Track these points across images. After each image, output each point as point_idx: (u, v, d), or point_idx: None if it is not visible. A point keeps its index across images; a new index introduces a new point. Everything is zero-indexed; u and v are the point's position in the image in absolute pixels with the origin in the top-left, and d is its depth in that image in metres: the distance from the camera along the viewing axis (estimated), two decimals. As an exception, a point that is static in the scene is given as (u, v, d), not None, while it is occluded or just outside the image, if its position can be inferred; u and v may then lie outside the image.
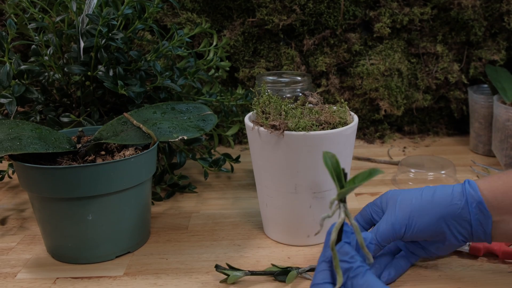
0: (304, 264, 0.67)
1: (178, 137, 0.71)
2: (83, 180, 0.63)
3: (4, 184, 0.99)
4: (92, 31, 0.82)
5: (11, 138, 0.66)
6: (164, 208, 0.86)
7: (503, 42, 1.17)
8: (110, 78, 0.83)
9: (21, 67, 0.81)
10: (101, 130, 0.73)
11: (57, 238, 0.69)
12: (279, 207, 0.71)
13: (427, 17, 1.15)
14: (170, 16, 1.15)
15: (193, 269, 0.67)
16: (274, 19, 1.13)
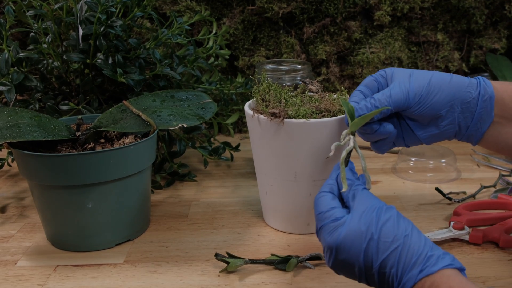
0: (304, 252, 0.67)
1: (177, 125, 0.71)
2: (82, 168, 0.63)
3: (4, 172, 0.99)
4: (91, 18, 0.81)
5: (10, 125, 0.66)
6: (164, 197, 0.86)
7: (504, 30, 1.17)
8: (109, 66, 0.82)
9: (20, 55, 0.81)
10: (101, 118, 0.72)
11: (57, 226, 0.69)
12: (279, 195, 0.71)
13: (427, 5, 1.14)
14: (169, 4, 1.14)
15: (193, 257, 0.67)
16: (274, 7, 1.12)
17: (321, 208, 0.51)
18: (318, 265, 0.64)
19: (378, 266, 0.47)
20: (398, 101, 0.59)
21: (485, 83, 0.59)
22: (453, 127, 0.60)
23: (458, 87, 0.58)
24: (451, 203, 0.82)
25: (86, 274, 0.64)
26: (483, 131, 0.59)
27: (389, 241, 0.46)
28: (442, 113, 0.59)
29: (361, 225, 0.48)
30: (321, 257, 0.64)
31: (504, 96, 0.58)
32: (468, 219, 0.72)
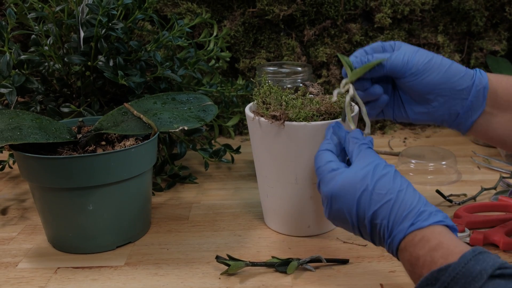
0: (305, 254, 0.67)
1: (178, 127, 0.71)
2: (83, 170, 0.63)
3: (5, 174, 0.99)
4: (92, 21, 0.81)
5: (12, 128, 0.66)
6: (165, 199, 0.86)
7: (504, 32, 1.17)
8: (110, 68, 0.82)
9: (21, 57, 0.81)
10: (102, 121, 0.72)
11: (58, 228, 0.69)
12: (279, 197, 0.71)
13: (428, 7, 1.14)
14: (170, 6, 1.14)
15: (193, 260, 0.67)
16: (275, 9, 1.12)
17: (320, 163, 0.55)
18: (319, 267, 0.64)
19: (370, 216, 0.48)
20: (395, 65, 0.60)
21: (481, 74, 0.61)
22: (442, 111, 0.61)
23: (454, 74, 0.60)
24: (452, 205, 0.82)
25: (87, 276, 0.64)
26: (473, 119, 0.60)
27: (383, 193, 0.48)
28: (433, 93, 0.60)
29: (358, 176, 0.50)
30: (322, 259, 0.64)
31: (497, 87, 0.59)
32: (468, 221, 0.72)
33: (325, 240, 0.71)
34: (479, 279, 0.39)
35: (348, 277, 0.62)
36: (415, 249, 0.45)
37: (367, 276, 0.63)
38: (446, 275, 0.41)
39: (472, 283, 0.39)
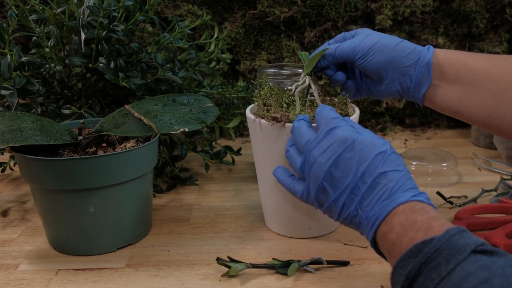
0: (306, 256, 0.67)
1: (179, 129, 0.71)
2: (84, 172, 0.63)
3: (6, 176, 0.99)
4: (93, 22, 0.82)
5: (13, 129, 0.66)
6: (166, 200, 0.86)
7: (505, 34, 1.17)
8: (111, 70, 0.82)
9: (22, 59, 0.81)
10: (102, 122, 0.72)
11: (58, 229, 0.69)
12: (280, 199, 0.71)
13: (428, 9, 1.14)
14: (171, 8, 1.15)
15: (194, 261, 0.67)
16: (275, 11, 1.12)
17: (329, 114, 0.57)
18: (320, 269, 0.64)
19: (379, 174, 0.50)
20: (343, 52, 0.68)
21: (428, 51, 0.65)
22: (394, 86, 0.67)
23: (400, 52, 0.66)
24: (452, 207, 0.82)
25: (87, 278, 0.64)
26: (422, 92, 0.66)
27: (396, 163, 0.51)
28: (383, 71, 0.67)
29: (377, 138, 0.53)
30: (323, 261, 0.64)
31: (444, 62, 0.64)
32: (469, 223, 0.72)
33: (325, 242, 0.71)
34: (462, 252, 0.40)
35: (349, 279, 0.62)
36: (414, 214, 0.46)
37: (367, 278, 0.63)
38: (430, 246, 0.42)
39: (455, 255, 0.40)
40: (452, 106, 0.65)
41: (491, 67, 0.62)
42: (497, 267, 0.38)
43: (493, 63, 0.63)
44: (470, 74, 0.63)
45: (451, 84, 0.64)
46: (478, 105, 0.63)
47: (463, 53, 0.65)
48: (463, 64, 0.63)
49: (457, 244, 0.41)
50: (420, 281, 0.41)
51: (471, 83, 0.63)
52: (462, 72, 0.63)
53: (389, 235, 0.47)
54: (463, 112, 0.65)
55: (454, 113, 0.67)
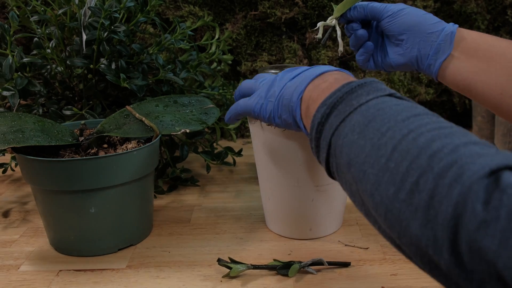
0: (307, 257, 0.67)
1: (180, 130, 0.71)
2: (85, 173, 0.63)
3: (7, 177, 0.99)
4: (95, 24, 0.82)
5: (14, 130, 0.66)
6: (167, 201, 0.86)
7: (506, 35, 1.17)
8: (112, 71, 0.82)
9: (24, 60, 0.81)
10: (104, 123, 0.73)
11: (59, 230, 0.69)
12: (281, 200, 0.71)
13: (430, 10, 1.14)
14: (172, 9, 1.15)
15: (195, 262, 0.67)
16: (277, 12, 1.13)
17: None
18: (321, 270, 0.64)
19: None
20: (374, 7, 0.70)
21: (453, 25, 0.67)
22: (414, 52, 0.68)
23: (427, 20, 0.67)
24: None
25: (88, 279, 0.64)
26: (440, 61, 0.66)
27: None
28: (406, 33, 0.68)
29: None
30: (324, 262, 0.64)
31: (466, 36, 0.66)
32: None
33: (326, 243, 0.71)
34: (382, 91, 0.44)
35: (350, 280, 0.62)
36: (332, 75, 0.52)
37: (368, 279, 0.62)
38: (354, 82, 0.46)
39: (375, 92, 0.44)
40: (467, 79, 0.66)
41: (509, 46, 0.64)
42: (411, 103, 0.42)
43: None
44: (489, 50, 0.64)
45: (470, 58, 0.65)
46: (492, 81, 0.64)
47: (485, 34, 0.67)
48: (484, 40, 0.65)
49: (379, 86, 0.45)
50: (340, 108, 0.44)
51: (489, 58, 0.64)
52: (482, 47, 0.64)
53: (321, 85, 0.51)
54: (477, 87, 0.65)
55: (467, 88, 0.67)
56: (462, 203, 0.30)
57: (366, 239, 0.72)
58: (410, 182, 0.34)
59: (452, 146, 0.34)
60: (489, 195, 0.29)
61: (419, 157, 0.34)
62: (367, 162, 0.39)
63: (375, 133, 0.39)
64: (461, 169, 0.31)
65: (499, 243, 0.28)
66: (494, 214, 0.28)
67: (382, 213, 0.37)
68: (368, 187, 0.38)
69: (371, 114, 0.41)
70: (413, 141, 0.36)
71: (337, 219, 0.74)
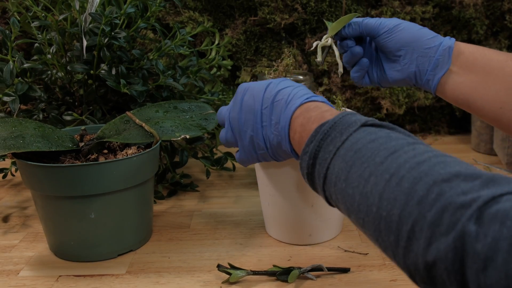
0: (306, 263, 0.67)
1: (180, 136, 0.71)
2: (85, 178, 0.64)
3: (7, 182, 0.99)
4: (95, 29, 0.82)
5: (15, 136, 0.66)
6: (166, 207, 0.86)
7: (505, 40, 1.17)
8: (112, 76, 0.83)
9: (24, 65, 0.81)
10: (104, 129, 0.73)
11: (59, 236, 0.69)
12: (281, 206, 0.71)
13: (429, 15, 1.15)
14: (173, 15, 1.15)
15: (195, 268, 0.67)
16: (276, 18, 1.13)
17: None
18: (320, 276, 0.64)
19: (275, 94, 0.55)
20: (369, 24, 0.69)
21: (450, 39, 0.67)
22: (411, 68, 0.67)
23: (424, 35, 0.67)
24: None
25: (88, 284, 0.64)
26: (438, 76, 0.66)
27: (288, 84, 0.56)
28: (402, 50, 0.67)
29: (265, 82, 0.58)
30: (323, 268, 0.64)
31: (464, 50, 0.65)
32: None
33: (326, 248, 0.72)
34: (353, 125, 0.44)
35: (350, 286, 0.62)
36: (309, 112, 0.51)
37: (368, 285, 0.63)
38: (325, 126, 0.46)
39: (348, 129, 0.44)
40: (466, 94, 0.65)
41: (508, 60, 0.63)
42: (384, 132, 0.43)
43: (510, 56, 0.64)
44: (487, 64, 0.64)
45: (468, 72, 0.65)
46: (492, 96, 0.64)
47: (482, 47, 0.66)
48: (481, 54, 0.65)
49: (348, 120, 0.45)
50: (321, 156, 0.45)
51: (488, 73, 0.64)
52: (480, 62, 0.64)
53: (295, 138, 0.52)
54: (476, 101, 0.65)
55: (466, 103, 0.67)
56: (460, 248, 0.31)
57: (366, 245, 0.72)
58: (406, 230, 0.35)
59: (437, 190, 0.34)
60: (483, 231, 0.30)
61: (408, 205, 0.35)
62: (361, 211, 0.40)
63: (359, 180, 0.40)
64: (453, 216, 0.32)
65: (505, 276, 0.29)
66: (494, 248, 0.29)
67: (391, 256, 0.38)
68: (371, 232, 0.39)
69: (350, 158, 0.42)
70: (397, 187, 0.36)
71: (337, 225, 0.74)
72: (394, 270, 0.65)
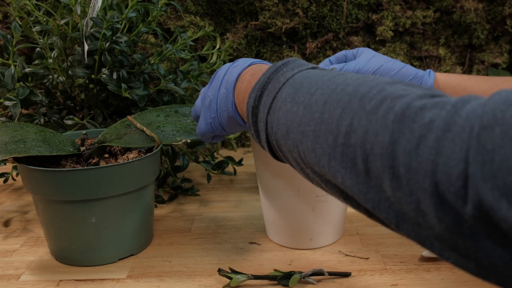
0: (307, 267, 0.67)
1: (181, 140, 0.71)
2: (86, 182, 0.64)
3: (8, 186, 0.99)
4: (96, 34, 0.82)
5: (16, 140, 0.66)
6: (167, 211, 0.86)
7: (506, 45, 1.17)
8: (113, 81, 0.83)
9: (26, 70, 0.82)
10: (105, 133, 0.73)
11: (60, 240, 0.69)
12: (282, 210, 0.71)
13: (429, 20, 1.15)
14: (174, 19, 1.15)
15: (196, 272, 0.67)
16: (277, 22, 1.13)
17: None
18: (321, 280, 0.64)
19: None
20: (346, 71, 0.69)
21: (429, 76, 0.67)
22: None
23: (403, 77, 0.67)
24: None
25: (89, 289, 0.64)
26: None
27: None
28: None
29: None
30: (324, 272, 0.64)
31: (445, 87, 0.66)
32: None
33: (327, 253, 0.71)
34: (306, 65, 0.45)
35: (351, 290, 0.62)
36: (261, 66, 0.51)
37: (369, 289, 0.62)
38: (278, 63, 0.46)
39: (300, 66, 0.45)
40: None
41: (490, 90, 0.63)
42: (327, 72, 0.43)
43: (492, 86, 0.64)
44: None
45: None
46: None
47: (462, 76, 0.66)
48: (462, 88, 0.64)
49: (303, 62, 0.46)
50: (269, 87, 0.45)
51: None
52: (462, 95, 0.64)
53: (242, 87, 0.51)
54: None
55: None
56: (397, 129, 0.31)
57: (367, 249, 0.72)
58: (345, 125, 0.35)
59: (379, 87, 0.35)
60: (421, 114, 0.30)
61: (350, 102, 0.36)
62: (303, 122, 0.39)
63: (305, 96, 0.40)
64: (391, 103, 0.33)
65: (435, 152, 0.29)
66: (429, 127, 0.30)
67: (326, 163, 0.37)
68: (309, 144, 0.39)
69: (299, 83, 0.42)
70: (342, 91, 0.37)
71: (338, 229, 0.74)
72: (396, 274, 0.65)
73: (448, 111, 0.29)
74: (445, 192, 0.28)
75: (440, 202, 0.28)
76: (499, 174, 0.25)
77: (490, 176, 0.26)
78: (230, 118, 0.55)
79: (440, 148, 0.28)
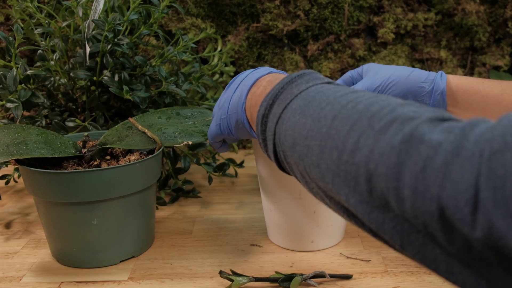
0: (308, 269, 0.67)
1: (182, 142, 0.72)
2: (88, 184, 0.64)
3: (10, 188, 0.99)
4: (98, 36, 0.82)
5: (17, 142, 0.66)
6: (169, 213, 0.86)
7: (507, 47, 1.17)
8: (115, 83, 0.83)
9: (28, 72, 0.82)
10: (106, 135, 0.73)
11: (62, 242, 0.69)
12: (283, 212, 0.71)
13: (431, 22, 1.15)
14: (175, 22, 1.16)
15: (197, 274, 0.67)
16: (279, 24, 1.13)
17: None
18: (322, 283, 0.64)
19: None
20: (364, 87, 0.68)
21: (441, 78, 0.66)
22: None
23: (415, 83, 0.66)
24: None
25: (90, 291, 0.64)
26: None
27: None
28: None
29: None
30: (325, 275, 0.64)
31: (457, 90, 0.65)
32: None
33: (328, 255, 0.71)
34: (322, 79, 0.45)
35: (352, 293, 0.62)
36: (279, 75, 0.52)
37: (370, 292, 0.62)
38: (294, 74, 0.46)
39: (315, 80, 0.45)
40: None
41: (503, 93, 0.62)
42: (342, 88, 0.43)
43: (505, 90, 0.63)
44: (482, 101, 0.63)
45: (465, 111, 0.65)
46: None
47: (475, 79, 0.65)
48: (475, 91, 0.64)
49: (318, 75, 0.46)
50: (282, 97, 0.45)
51: (484, 109, 0.63)
52: (474, 99, 0.64)
53: (257, 92, 0.52)
54: None
55: None
56: (405, 150, 0.31)
57: (368, 252, 0.72)
58: (351, 142, 0.35)
59: (390, 107, 0.35)
60: (429, 136, 0.30)
61: (360, 120, 0.35)
62: (310, 136, 0.39)
63: (315, 109, 0.40)
64: (401, 124, 0.32)
65: (443, 176, 0.28)
66: (436, 149, 0.29)
67: (330, 180, 0.37)
68: (313, 158, 0.39)
69: (311, 96, 0.42)
70: (352, 109, 0.37)
71: (339, 231, 0.74)
72: (397, 277, 0.65)
73: (457, 135, 0.29)
74: (452, 217, 0.27)
75: (448, 227, 0.28)
76: (511, 200, 0.25)
77: (502, 203, 0.25)
78: (237, 122, 0.56)
79: (448, 172, 0.28)
